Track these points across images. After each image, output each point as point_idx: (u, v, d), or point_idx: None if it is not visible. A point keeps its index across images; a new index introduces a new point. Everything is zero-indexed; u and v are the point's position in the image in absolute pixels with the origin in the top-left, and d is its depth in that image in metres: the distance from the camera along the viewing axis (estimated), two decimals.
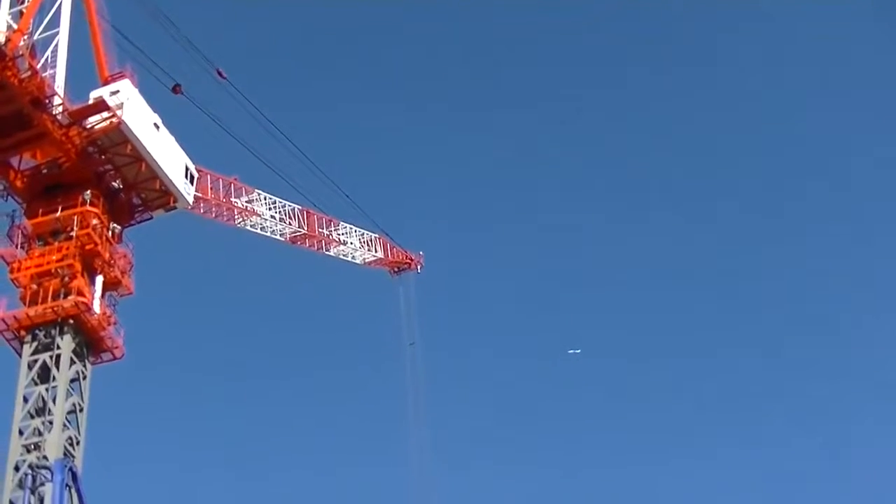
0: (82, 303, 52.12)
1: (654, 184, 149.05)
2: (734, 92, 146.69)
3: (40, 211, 54.62)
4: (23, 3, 52.89)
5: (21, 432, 49.77)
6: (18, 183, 55.00)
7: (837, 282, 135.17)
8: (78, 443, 50.76)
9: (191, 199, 58.67)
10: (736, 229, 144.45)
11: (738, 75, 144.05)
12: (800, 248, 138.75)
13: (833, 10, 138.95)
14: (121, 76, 55.39)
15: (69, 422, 50.64)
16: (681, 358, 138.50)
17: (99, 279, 54.51)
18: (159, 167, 56.32)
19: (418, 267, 75.81)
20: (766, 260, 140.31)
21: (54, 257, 52.72)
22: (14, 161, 54.87)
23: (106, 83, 55.59)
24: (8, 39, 50.72)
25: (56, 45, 53.68)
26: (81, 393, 51.99)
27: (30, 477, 46.76)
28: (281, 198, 65.22)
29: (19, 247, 53.75)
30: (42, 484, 46.77)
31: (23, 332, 52.20)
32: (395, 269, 75.89)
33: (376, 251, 72.84)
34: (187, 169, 58.53)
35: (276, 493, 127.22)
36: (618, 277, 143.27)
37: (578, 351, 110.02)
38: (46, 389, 50.35)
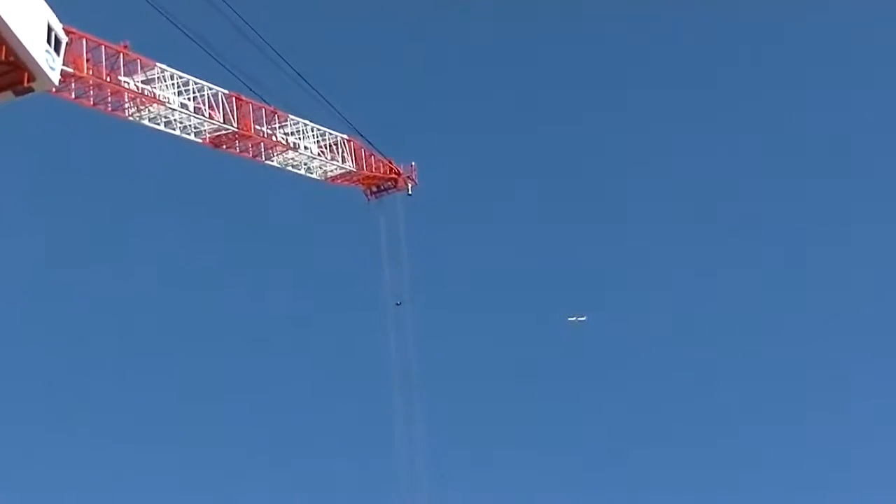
0: None
1: (660, 88, 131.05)
2: None
3: None
4: None
5: None
6: None
7: None
8: None
9: (56, 77, 48.92)
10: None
11: None
12: None
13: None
14: None
15: None
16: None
17: None
18: (6, 26, 45.77)
19: (408, 186, 65.44)
20: None
21: None
22: None
23: None
24: None
25: None
26: None
27: None
28: (197, 77, 56.11)
29: None
30: None
31: None
32: (374, 189, 66.10)
33: (344, 161, 61.99)
34: (51, 30, 48.86)
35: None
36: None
37: (583, 319, 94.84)
38: None
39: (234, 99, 57.66)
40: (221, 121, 56.88)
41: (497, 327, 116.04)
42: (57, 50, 49.08)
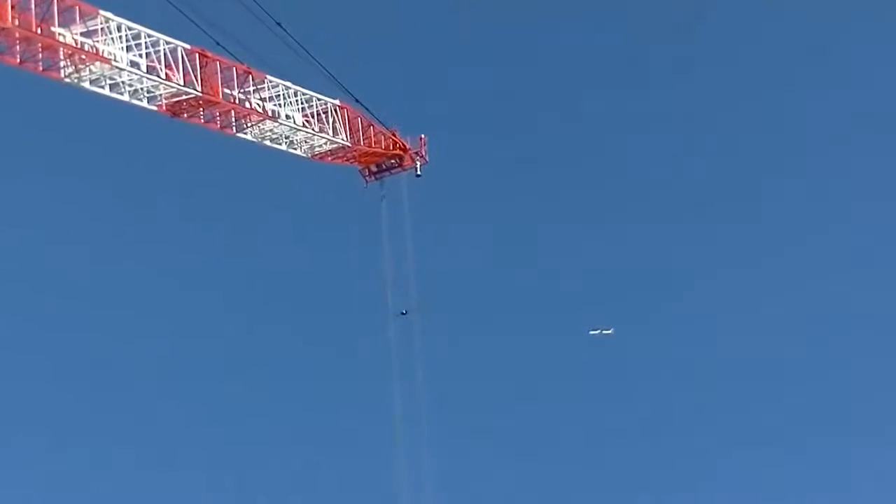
0: None
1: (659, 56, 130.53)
2: None
3: None
4: None
5: None
6: None
7: None
8: None
9: None
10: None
11: None
12: None
13: None
14: None
15: None
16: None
17: None
18: None
19: (417, 164, 60.28)
20: None
21: None
22: None
23: None
24: None
25: None
26: None
27: None
28: (151, 29, 50.23)
29: None
30: None
31: None
32: (374, 168, 61.38)
33: (335, 133, 56.11)
34: None
35: None
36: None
37: (609, 332, 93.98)
38: None
39: (197, 55, 51.93)
40: (181, 83, 50.91)
41: (512, 334, 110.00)
42: None
